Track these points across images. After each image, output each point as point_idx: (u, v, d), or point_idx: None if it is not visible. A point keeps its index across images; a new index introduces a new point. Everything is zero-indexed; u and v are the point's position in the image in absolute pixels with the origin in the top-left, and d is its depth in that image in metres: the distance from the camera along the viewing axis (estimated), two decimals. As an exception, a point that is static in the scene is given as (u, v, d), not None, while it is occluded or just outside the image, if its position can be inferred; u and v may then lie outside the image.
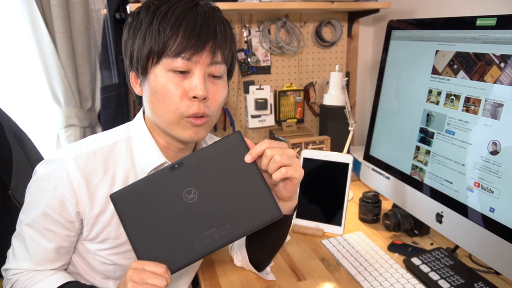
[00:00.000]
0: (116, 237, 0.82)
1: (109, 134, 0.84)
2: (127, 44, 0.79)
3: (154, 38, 0.73)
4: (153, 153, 0.82)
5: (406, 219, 1.10)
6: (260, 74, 1.70)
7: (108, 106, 1.55)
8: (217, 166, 0.69)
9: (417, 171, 1.03)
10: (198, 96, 0.73)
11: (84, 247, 0.84)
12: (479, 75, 0.85)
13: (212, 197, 0.68)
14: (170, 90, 0.74)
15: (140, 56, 0.75)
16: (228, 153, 0.69)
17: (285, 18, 1.64)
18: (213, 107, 0.78)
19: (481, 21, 0.85)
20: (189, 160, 0.69)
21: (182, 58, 0.73)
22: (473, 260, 0.99)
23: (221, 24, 0.78)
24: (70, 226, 0.79)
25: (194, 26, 0.73)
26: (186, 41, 0.72)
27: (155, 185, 0.68)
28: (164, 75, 0.74)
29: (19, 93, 1.54)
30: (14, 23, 1.46)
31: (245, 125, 1.75)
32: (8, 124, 1.05)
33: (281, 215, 0.69)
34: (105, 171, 0.79)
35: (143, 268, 0.66)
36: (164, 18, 0.73)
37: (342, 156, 1.15)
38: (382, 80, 1.17)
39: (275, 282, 0.93)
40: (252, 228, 0.69)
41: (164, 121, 0.77)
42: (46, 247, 0.79)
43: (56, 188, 0.76)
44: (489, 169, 0.82)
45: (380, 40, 1.74)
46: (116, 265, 0.85)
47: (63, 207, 0.77)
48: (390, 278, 0.92)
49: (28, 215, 0.79)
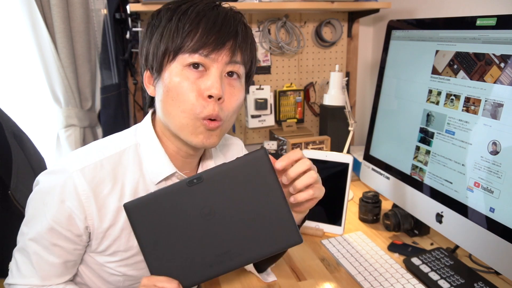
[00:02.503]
0: (126, 250, 0.80)
1: (115, 142, 0.80)
2: (144, 43, 0.76)
3: (172, 34, 0.70)
4: (163, 162, 0.79)
5: (406, 219, 1.10)
6: (260, 74, 1.71)
7: (108, 106, 1.55)
8: (238, 184, 0.65)
9: (417, 171, 1.03)
10: (213, 95, 0.70)
11: (93, 259, 0.81)
12: (479, 75, 0.85)
13: (231, 217, 0.65)
14: (185, 88, 0.71)
15: (156, 52, 0.73)
16: (251, 171, 0.65)
17: (285, 18, 1.64)
18: (227, 111, 0.74)
19: (481, 21, 0.85)
20: (209, 175, 0.65)
21: (200, 55, 0.70)
22: (473, 260, 0.99)
23: (243, 26, 0.75)
24: (78, 240, 0.76)
25: (214, 23, 0.70)
26: (205, 37, 0.69)
27: (172, 199, 0.65)
28: (179, 72, 0.71)
29: (19, 93, 1.54)
30: (14, 23, 1.46)
31: (245, 125, 1.75)
32: (8, 124, 1.05)
33: (301, 241, 0.66)
34: (114, 183, 0.76)
35: (154, 285, 0.64)
36: (184, 14, 0.71)
37: (342, 156, 1.15)
38: (382, 80, 1.17)
39: (275, 282, 0.93)
40: (270, 252, 0.66)
41: (177, 122, 0.73)
42: (53, 262, 0.76)
43: (63, 202, 0.72)
44: (489, 169, 0.82)
45: (380, 40, 1.74)
46: (125, 276, 0.83)
47: (71, 221, 0.73)
48: (390, 278, 0.92)
49: (31, 229, 0.75)
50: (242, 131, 1.76)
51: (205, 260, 0.66)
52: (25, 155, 1.08)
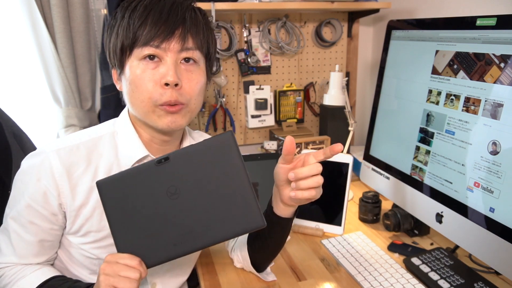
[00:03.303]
0: (98, 230, 0.82)
1: (94, 129, 0.85)
2: (107, 42, 0.81)
3: (125, 31, 0.75)
4: (136, 146, 0.83)
5: (406, 219, 1.10)
6: (260, 74, 1.70)
7: (108, 106, 1.55)
8: (204, 165, 0.66)
9: (417, 171, 1.03)
10: (169, 82, 0.74)
11: (68, 241, 0.84)
12: (479, 75, 0.85)
13: (195, 197, 0.66)
14: (143, 78, 0.75)
15: (115, 50, 0.77)
16: (217, 153, 0.66)
17: (285, 18, 1.64)
18: (188, 95, 0.77)
19: (481, 21, 0.85)
20: (176, 156, 0.66)
21: (151, 46, 0.74)
22: (473, 260, 0.99)
23: (191, 11, 0.78)
24: (53, 219, 0.80)
25: (161, 14, 0.74)
26: (154, 29, 0.73)
27: (140, 177, 0.67)
28: (136, 65, 0.75)
29: (19, 93, 1.54)
30: (14, 23, 1.46)
31: (245, 125, 1.75)
32: (7, 124, 1.05)
33: (264, 225, 0.66)
34: (88, 164, 0.80)
35: (116, 261, 0.66)
36: (134, 10, 0.75)
37: (342, 156, 1.15)
38: (382, 80, 1.17)
39: (275, 282, 0.93)
40: (233, 234, 0.67)
41: (140, 111, 0.78)
42: (29, 240, 0.80)
43: (39, 180, 0.77)
44: (489, 169, 0.82)
45: (380, 40, 1.74)
46: (100, 259, 0.85)
47: (46, 199, 0.77)
48: (390, 278, 0.92)
49: (12, 209, 0.80)
50: (242, 131, 1.76)
51: (169, 239, 0.67)
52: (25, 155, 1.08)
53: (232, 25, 1.60)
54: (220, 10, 1.41)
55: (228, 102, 1.70)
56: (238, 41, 1.63)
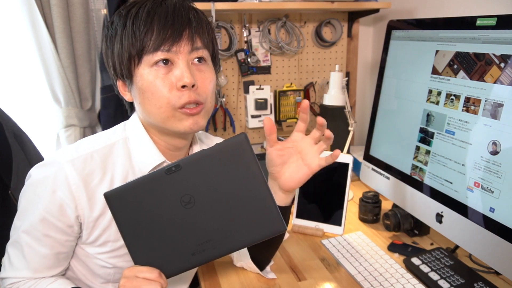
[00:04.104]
0: (115, 240, 0.81)
1: (105, 136, 0.83)
2: (107, 54, 0.79)
3: (131, 39, 0.73)
4: (152, 152, 0.81)
5: (406, 219, 1.10)
6: (260, 74, 1.70)
7: (108, 106, 1.55)
8: (218, 171, 0.63)
9: (417, 171, 1.03)
10: (186, 84, 0.73)
11: (84, 251, 0.82)
12: (479, 75, 0.85)
13: (211, 205, 0.63)
14: (157, 85, 0.74)
15: (122, 61, 0.75)
16: (231, 157, 0.62)
17: (285, 18, 1.64)
18: (204, 94, 0.77)
19: (481, 21, 0.85)
20: (187, 163, 0.63)
21: (162, 51, 0.73)
22: (473, 260, 0.99)
23: (194, 12, 0.78)
24: (69, 231, 0.78)
25: (166, 18, 0.73)
26: (162, 33, 0.72)
27: (150, 187, 0.64)
28: (148, 72, 0.74)
29: (19, 93, 1.54)
30: (14, 23, 1.46)
31: (245, 125, 1.75)
32: (8, 124, 1.05)
33: (285, 229, 0.65)
34: (104, 173, 0.78)
35: (135, 276, 0.65)
36: (136, 17, 0.73)
37: (342, 156, 1.15)
38: (382, 80, 1.17)
39: (275, 282, 0.93)
40: (253, 240, 0.65)
41: (158, 117, 0.76)
42: (44, 253, 0.77)
43: (55, 192, 0.74)
44: (489, 169, 0.82)
45: (380, 40, 1.74)
46: (116, 268, 0.84)
47: (62, 211, 0.75)
48: (390, 278, 0.92)
49: (24, 221, 0.77)
50: (242, 131, 1.76)
51: (187, 249, 0.65)
52: (25, 155, 1.08)
53: (232, 25, 1.60)
54: (220, 10, 1.42)
55: (228, 102, 1.70)
56: (238, 41, 1.63)
